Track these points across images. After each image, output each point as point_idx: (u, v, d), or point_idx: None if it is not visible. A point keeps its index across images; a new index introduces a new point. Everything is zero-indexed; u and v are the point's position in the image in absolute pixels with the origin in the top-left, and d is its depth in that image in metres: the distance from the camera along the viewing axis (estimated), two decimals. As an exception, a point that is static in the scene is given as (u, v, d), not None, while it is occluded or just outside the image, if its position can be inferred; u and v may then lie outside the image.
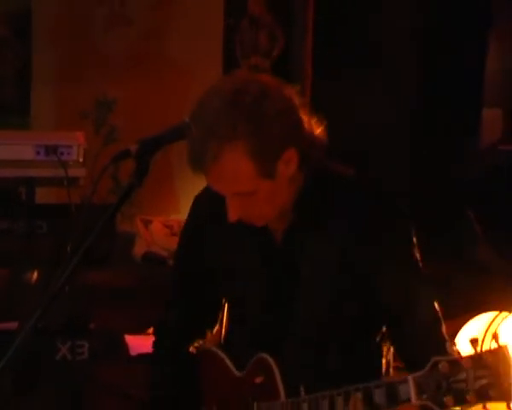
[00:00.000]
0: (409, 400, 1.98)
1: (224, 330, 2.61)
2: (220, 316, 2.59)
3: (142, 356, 3.38)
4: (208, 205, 2.49)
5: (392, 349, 2.44)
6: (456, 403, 1.89)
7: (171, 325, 2.62)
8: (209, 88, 2.25)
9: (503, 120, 4.19)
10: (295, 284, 2.35)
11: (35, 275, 3.54)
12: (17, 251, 3.22)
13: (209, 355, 2.53)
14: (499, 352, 1.88)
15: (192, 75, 4.73)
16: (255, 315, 2.43)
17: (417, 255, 2.33)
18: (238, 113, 2.16)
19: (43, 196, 3.71)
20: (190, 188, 2.60)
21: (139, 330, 3.42)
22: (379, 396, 2.07)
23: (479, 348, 1.87)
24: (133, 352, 3.40)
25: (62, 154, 3.18)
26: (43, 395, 3.77)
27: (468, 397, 1.87)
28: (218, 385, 2.49)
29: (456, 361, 1.90)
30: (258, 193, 2.24)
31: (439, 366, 1.92)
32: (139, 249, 4.87)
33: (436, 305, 2.33)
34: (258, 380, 2.37)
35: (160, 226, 4.72)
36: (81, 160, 3.21)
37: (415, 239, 2.32)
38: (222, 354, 2.48)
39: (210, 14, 4.83)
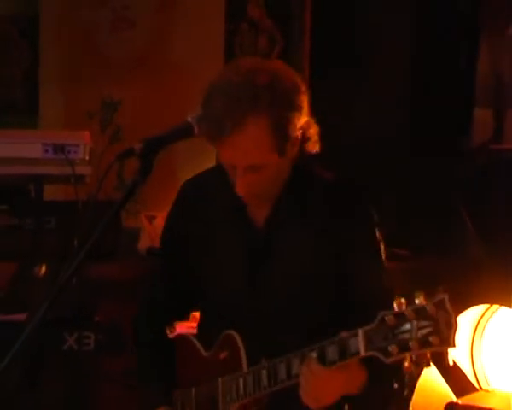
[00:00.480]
0: (358, 353, 2.04)
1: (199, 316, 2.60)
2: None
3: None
4: (194, 191, 2.54)
5: None
6: (400, 351, 1.94)
7: (153, 308, 2.62)
8: (227, 65, 2.29)
9: (494, 120, 4.18)
10: (270, 263, 2.37)
11: (43, 269, 3.54)
12: (26, 246, 3.24)
13: (181, 340, 2.52)
14: (440, 303, 1.92)
15: (194, 76, 4.72)
16: (228, 295, 2.42)
17: (378, 244, 2.40)
18: (261, 88, 2.21)
19: (50, 192, 3.72)
20: (193, 186, 2.61)
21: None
22: (332, 353, 2.11)
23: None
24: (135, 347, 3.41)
25: (69, 152, 3.19)
26: (50, 384, 3.78)
27: (410, 345, 1.92)
28: (190, 367, 2.48)
29: (402, 314, 1.95)
30: (267, 168, 2.28)
31: (386, 318, 1.97)
32: (143, 244, 4.87)
33: (390, 289, 2.33)
34: (223, 356, 2.38)
35: (163, 222, 4.71)
36: (87, 158, 3.22)
37: (378, 232, 2.40)
38: (192, 339, 2.49)
39: (211, 18, 4.83)
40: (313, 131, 2.37)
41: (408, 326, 1.93)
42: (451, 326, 1.90)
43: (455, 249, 3.77)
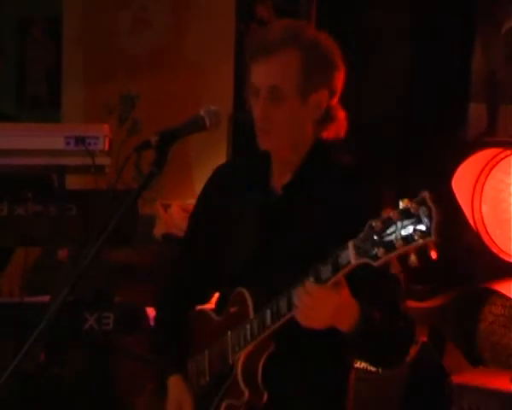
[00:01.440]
0: (349, 262, 2.00)
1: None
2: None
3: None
4: (223, 171, 2.55)
5: None
6: (387, 252, 1.91)
7: (174, 290, 2.59)
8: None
9: (488, 114, 4.17)
10: (283, 231, 2.33)
11: (65, 253, 3.54)
12: (49, 232, 3.22)
13: (198, 314, 2.49)
14: (422, 200, 1.88)
15: (206, 73, 4.71)
16: (243, 262, 2.38)
17: None
18: (304, 36, 2.31)
19: (72, 182, 3.72)
20: (205, 176, 2.60)
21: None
22: (325, 271, 2.07)
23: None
24: (152, 322, 3.41)
25: (90, 144, 3.18)
26: (72, 361, 3.78)
27: (396, 244, 1.89)
28: (204, 334, 2.44)
29: (388, 218, 1.92)
30: (285, 103, 2.29)
31: (373, 225, 1.94)
32: (159, 230, 4.88)
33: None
34: (233, 310, 2.35)
35: (178, 210, 4.71)
36: (107, 149, 3.21)
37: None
38: (207, 310, 2.46)
39: (223, 18, 4.81)
40: (341, 115, 2.38)
41: (393, 228, 1.89)
42: (431, 219, 1.84)
43: (450, 235, 3.76)
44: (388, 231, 1.90)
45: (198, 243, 2.55)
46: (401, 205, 1.90)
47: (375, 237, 1.93)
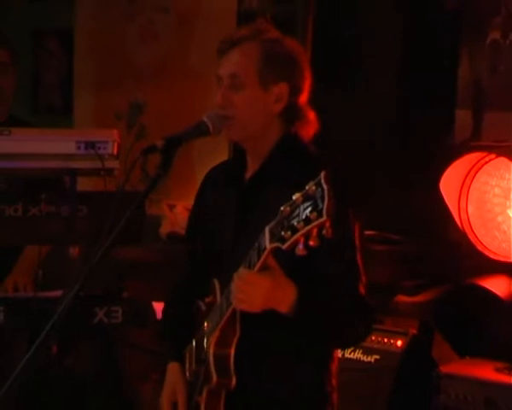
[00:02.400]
0: (265, 247, 2.00)
1: None
2: None
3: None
4: (211, 174, 2.55)
5: None
6: (292, 235, 1.89)
7: (177, 287, 2.61)
8: None
9: (473, 120, 4.16)
10: (251, 218, 2.31)
11: (76, 251, 3.52)
12: (61, 231, 3.20)
13: (196, 306, 2.47)
14: (318, 182, 1.87)
15: (208, 82, 4.66)
16: (222, 251, 2.38)
17: (347, 219, 2.26)
18: (266, 35, 2.32)
19: (83, 184, 3.70)
20: (208, 178, 2.59)
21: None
22: (253, 256, 2.08)
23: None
24: (160, 316, 3.39)
25: (99, 148, 3.16)
26: (82, 353, 3.76)
27: (298, 226, 1.87)
28: (197, 324, 2.43)
29: (293, 202, 1.90)
30: (245, 91, 2.29)
31: (282, 209, 1.93)
32: (165, 229, 4.86)
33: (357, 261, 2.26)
34: (208, 300, 2.35)
35: (183, 210, 4.69)
36: (115, 153, 3.19)
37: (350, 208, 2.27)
38: (200, 302, 2.44)
39: (224, 31, 4.78)
40: (311, 115, 2.36)
41: (297, 211, 1.88)
42: (324, 200, 1.82)
43: (439, 233, 3.75)
44: (294, 215, 1.89)
45: (194, 240, 2.55)
46: (306, 187, 1.89)
47: (285, 221, 1.92)
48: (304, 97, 2.35)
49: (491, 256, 3.50)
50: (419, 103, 3.88)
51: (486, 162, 3.55)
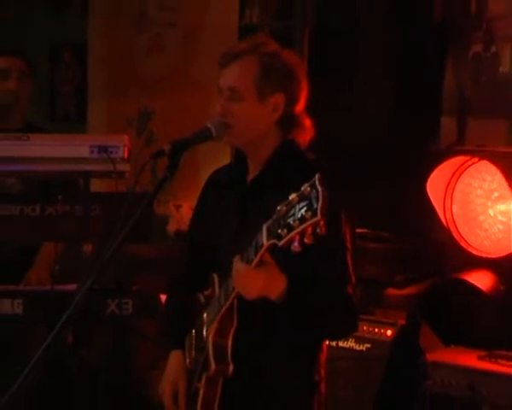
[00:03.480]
0: (263, 244, 1.99)
1: None
2: None
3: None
4: (214, 176, 2.53)
5: None
6: (288, 232, 1.88)
7: (179, 280, 2.58)
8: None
9: (457, 127, 4.16)
10: (251, 220, 2.28)
11: (90, 248, 3.51)
12: (76, 229, 3.19)
13: (195, 299, 2.45)
14: (313, 183, 1.86)
15: (211, 91, 4.67)
16: (223, 249, 2.36)
17: (338, 221, 2.24)
18: (264, 49, 2.29)
19: (96, 185, 3.69)
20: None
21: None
22: (250, 252, 2.07)
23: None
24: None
25: (111, 153, 3.15)
26: (95, 342, 3.75)
27: (293, 225, 1.86)
28: (197, 315, 2.41)
29: (289, 202, 1.89)
30: (243, 102, 2.27)
31: (279, 209, 1.91)
32: (172, 228, 4.85)
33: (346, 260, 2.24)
34: (207, 293, 2.34)
35: (188, 209, 4.68)
36: (126, 157, 3.18)
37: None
38: (199, 295, 2.42)
39: (226, 44, 4.78)
40: (307, 123, 2.35)
41: (293, 210, 1.87)
42: (318, 200, 1.81)
43: (426, 231, 3.75)
44: (290, 214, 1.88)
45: (196, 237, 2.54)
46: (302, 188, 1.88)
47: (281, 220, 1.90)
48: (300, 106, 2.33)
49: (474, 253, 3.49)
50: (408, 111, 3.87)
51: (469, 165, 3.55)
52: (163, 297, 3.12)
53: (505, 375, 3.01)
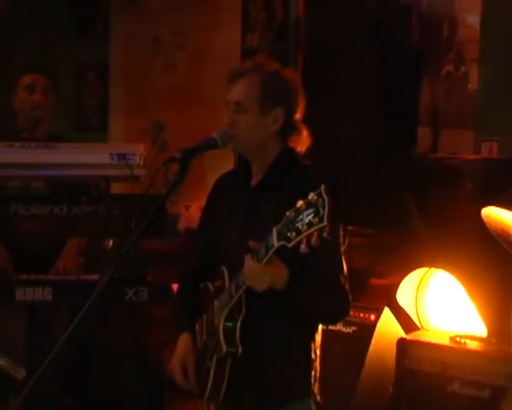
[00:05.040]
0: (273, 245, 1.99)
1: None
2: None
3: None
4: (221, 179, 2.52)
5: None
6: (296, 235, 1.90)
7: (189, 271, 2.57)
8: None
9: (432, 136, 4.16)
10: (254, 219, 2.29)
11: (111, 243, 3.51)
12: (99, 226, 3.19)
13: (204, 287, 2.45)
14: (319, 193, 1.87)
15: (218, 106, 4.69)
16: (227, 246, 2.35)
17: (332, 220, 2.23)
18: (266, 68, 2.29)
19: (115, 188, 3.69)
20: (217, 183, 2.57)
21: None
22: (261, 253, 2.06)
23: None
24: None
25: (129, 159, 3.15)
26: (115, 325, 3.74)
27: (302, 229, 1.88)
28: (206, 302, 2.41)
29: (298, 208, 1.90)
30: (247, 114, 2.26)
31: (288, 214, 1.92)
32: (182, 225, 4.85)
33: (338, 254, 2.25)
34: (217, 284, 2.33)
35: (196, 209, 4.69)
36: (142, 163, 3.18)
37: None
38: (209, 284, 2.42)
39: (231, 64, 4.79)
40: (304, 132, 2.34)
41: (301, 216, 1.88)
42: (325, 208, 1.84)
43: (405, 228, 3.73)
44: (298, 219, 1.89)
45: (204, 233, 2.53)
46: (309, 197, 1.89)
47: (290, 224, 1.91)
48: (298, 117, 2.33)
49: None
50: (389, 122, 3.87)
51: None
52: (174, 286, 3.13)
53: (472, 352, 3.02)
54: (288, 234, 1.91)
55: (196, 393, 2.40)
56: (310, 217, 1.85)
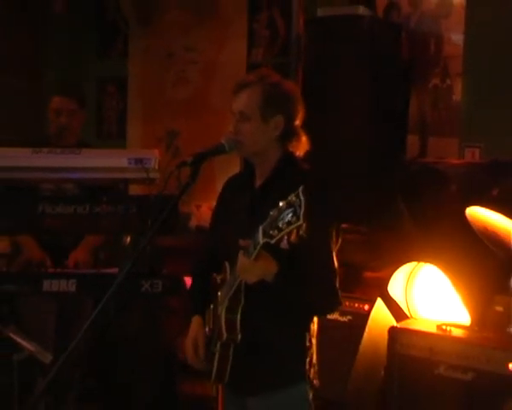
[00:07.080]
0: (259, 242, 1.97)
1: None
2: None
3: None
4: (229, 181, 2.50)
5: None
6: (278, 233, 1.88)
7: (201, 264, 2.55)
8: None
9: (420, 143, 4.15)
10: (258, 216, 2.18)
11: (128, 239, 3.50)
12: (118, 224, 3.18)
13: (213, 279, 2.41)
14: (297, 194, 1.85)
15: (225, 115, 4.69)
16: (236, 239, 2.24)
17: (325, 220, 2.20)
18: (268, 80, 2.27)
19: (133, 189, 3.68)
20: (225, 185, 2.55)
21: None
22: (251, 249, 2.04)
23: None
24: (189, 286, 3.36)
25: (145, 163, 3.14)
26: (132, 315, 3.73)
27: (282, 227, 1.87)
28: (214, 293, 2.38)
29: (280, 207, 1.88)
30: (250, 122, 2.25)
31: (271, 213, 1.90)
32: (193, 223, 4.84)
33: (330, 254, 2.21)
34: (220, 277, 2.33)
35: (206, 209, 4.68)
36: (157, 167, 3.17)
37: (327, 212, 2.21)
38: (216, 276, 2.39)
39: (237, 77, 4.78)
40: (303, 138, 2.33)
41: (282, 215, 1.87)
42: (301, 208, 1.83)
43: (396, 226, 3.71)
44: (280, 218, 1.88)
45: (214, 230, 2.51)
46: (289, 197, 1.88)
47: (273, 223, 1.90)
48: (297, 124, 2.32)
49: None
50: (381, 130, 3.85)
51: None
52: (187, 279, 3.11)
53: (456, 339, 3.00)
54: (271, 232, 1.90)
55: (205, 374, 2.39)
56: (289, 216, 1.85)
